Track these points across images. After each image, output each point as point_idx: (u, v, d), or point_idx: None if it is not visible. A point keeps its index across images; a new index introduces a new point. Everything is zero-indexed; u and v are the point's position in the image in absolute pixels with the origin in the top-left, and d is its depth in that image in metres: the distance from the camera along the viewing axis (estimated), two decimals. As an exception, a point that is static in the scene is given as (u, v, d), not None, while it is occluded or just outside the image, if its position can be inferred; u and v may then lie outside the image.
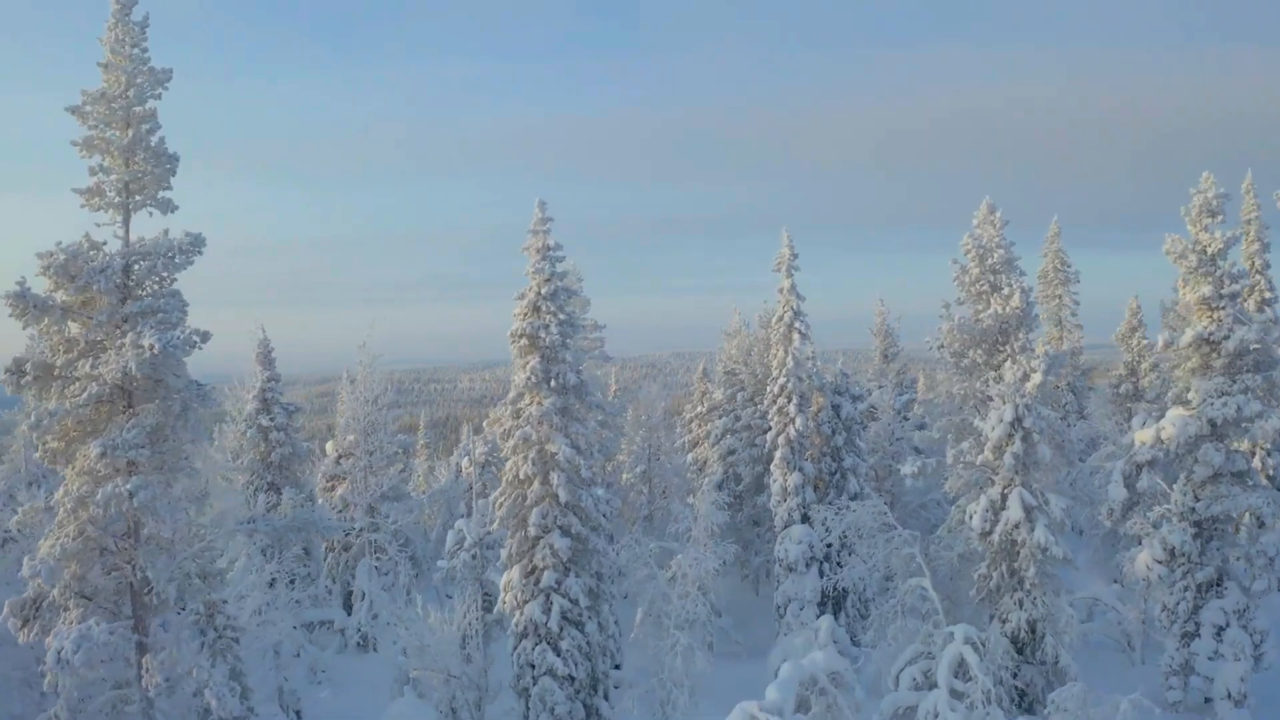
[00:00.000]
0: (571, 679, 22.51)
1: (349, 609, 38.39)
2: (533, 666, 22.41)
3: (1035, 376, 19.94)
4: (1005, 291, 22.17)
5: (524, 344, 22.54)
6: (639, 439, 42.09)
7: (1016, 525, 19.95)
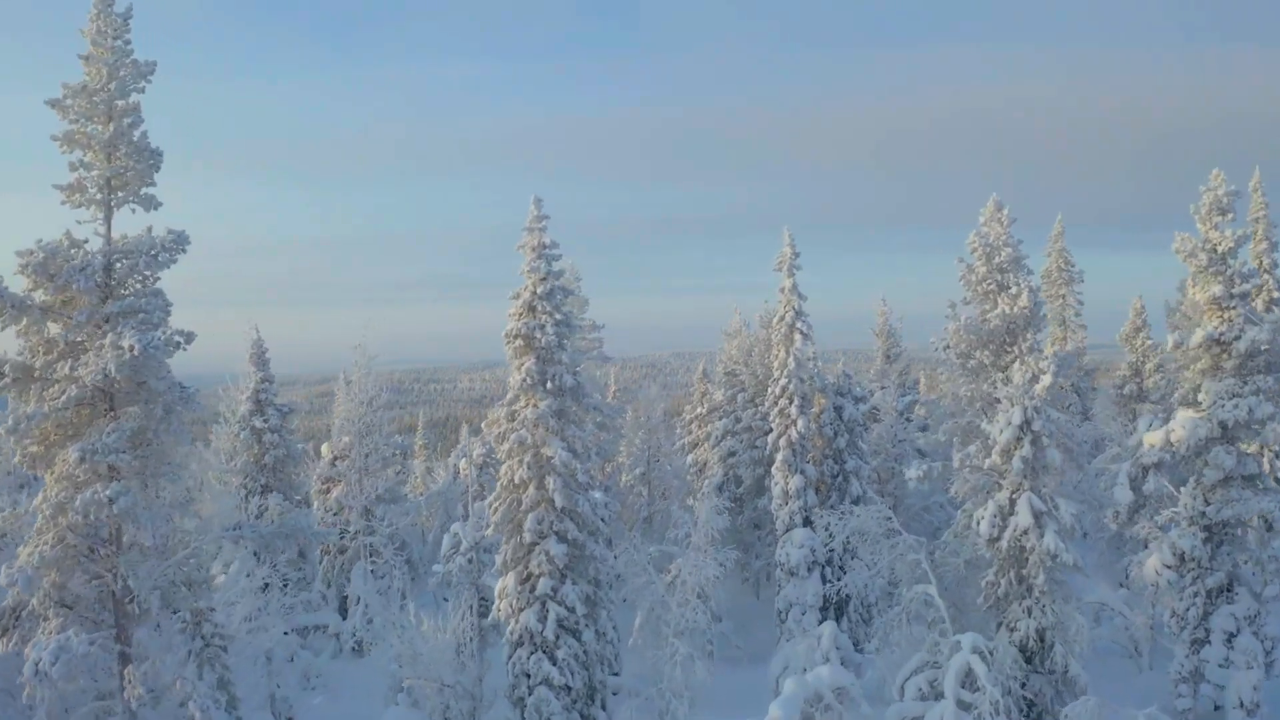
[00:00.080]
0: (568, 688, 21.97)
1: (345, 613, 37.88)
2: (528, 676, 21.86)
3: (1045, 378, 19.39)
4: (1013, 291, 21.63)
5: (519, 345, 21.97)
6: (638, 440, 41.59)
7: (1025, 531, 19.39)
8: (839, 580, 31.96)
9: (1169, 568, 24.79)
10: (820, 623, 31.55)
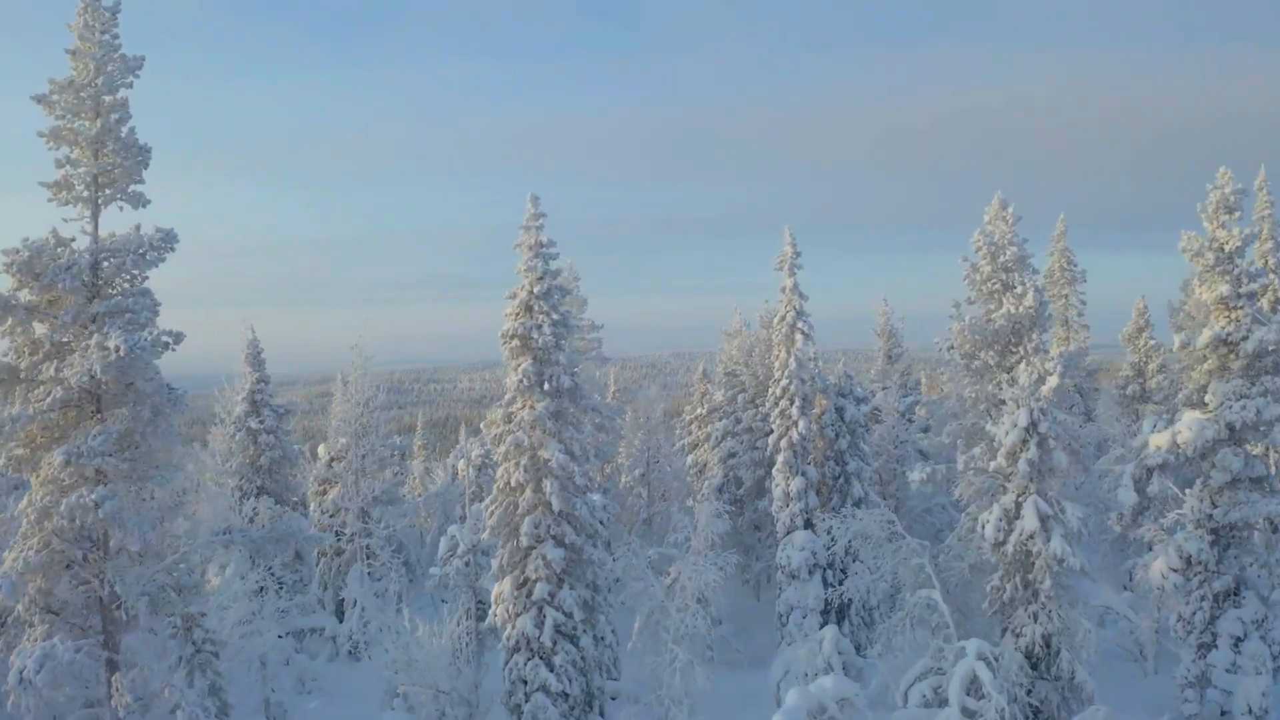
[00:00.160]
0: (565, 695, 21.57)
1: (342, 616, 37.50)
2: (525, 682, 21.46)
3: (1051, 379, 19.03)
4: (1018, 290, 21.24)
5: (515, 345, 21.57)
6: (638, 441, 41.22)
7: (1031, 535, 19.03)
8: (841, 584, 31.62)
9: (1175, 571, 24.51)
10: (821, 626, 31.17)
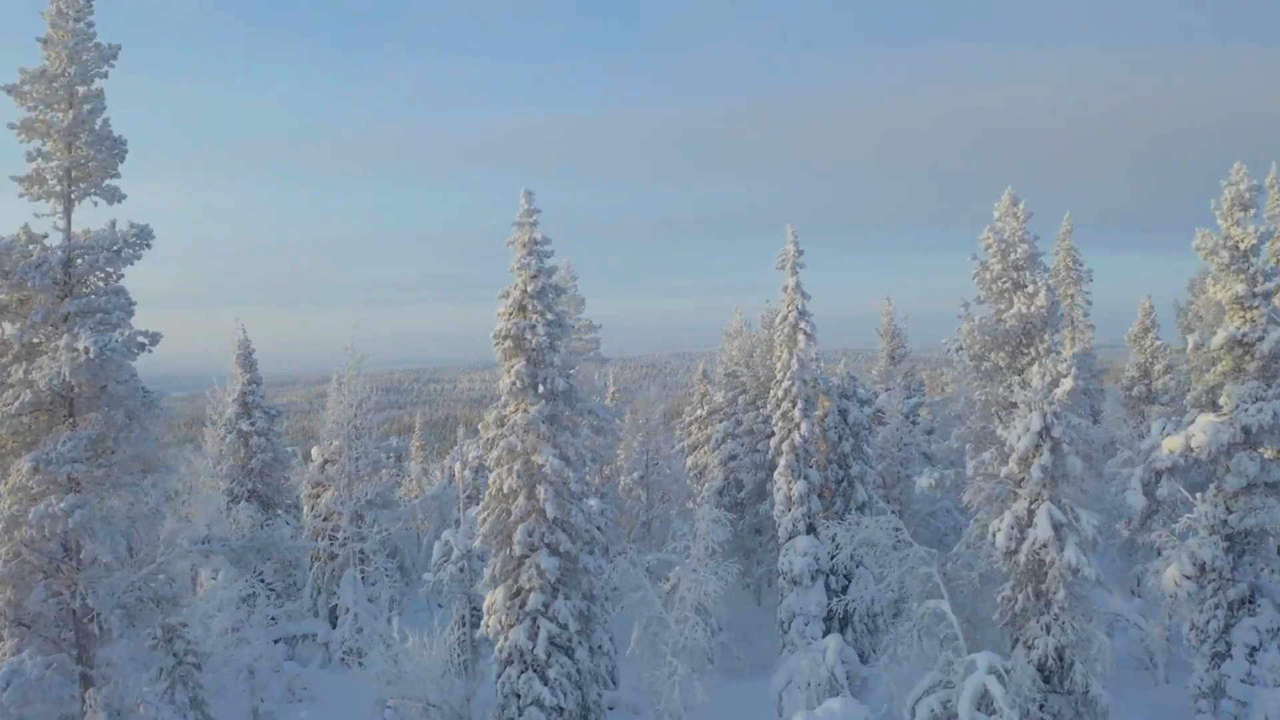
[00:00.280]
0: (560, 710, 20.77)
1: (335, 622, 36.77)
2: (518, 696, 20.66)
3: (1066, 382, 18.29)
4: (1030, 289, 20.48)
5: (508, 346, 20.78)
6: (637, 443, 40.47)
7: (1045, 544, 18.30)
8: (844, 590, 30.90)
9: (1188, 578, 23.92)
10: (824, 633, 30.50)
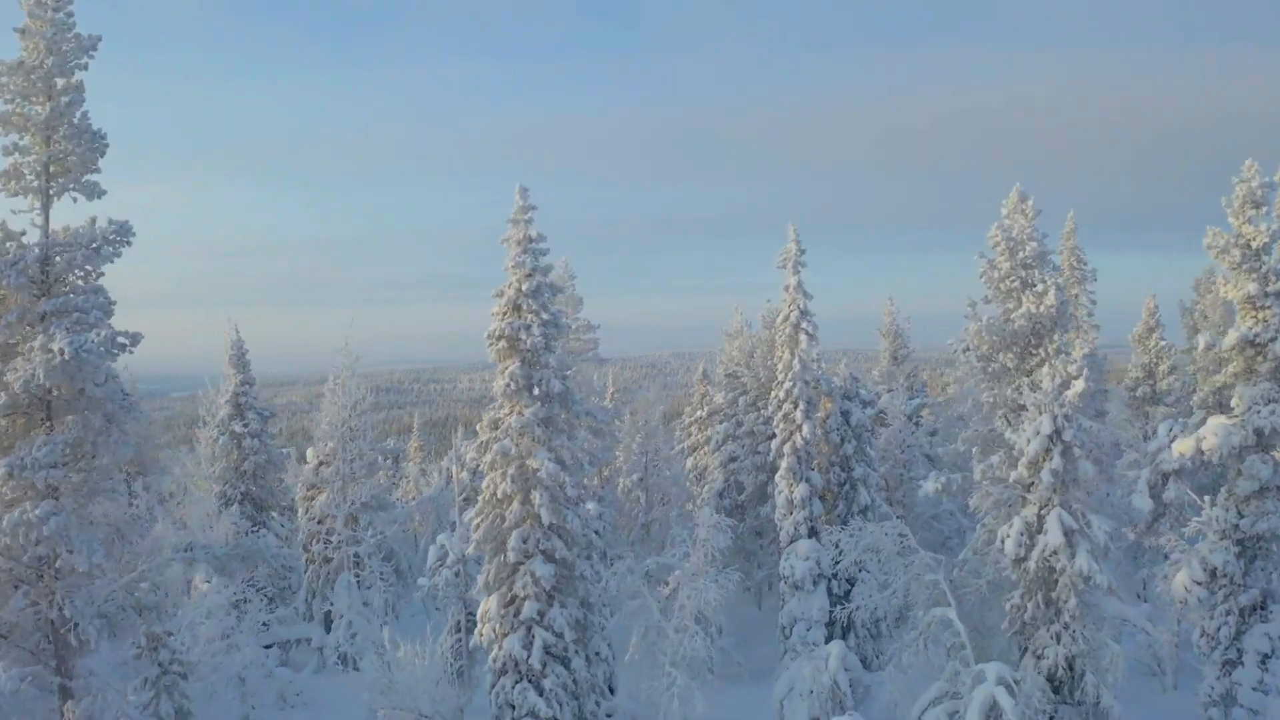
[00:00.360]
0: (556, 720, 20.24)
1: (330, 626, 36.20)
2: (513, 707, 20.08)
3: (1077, 384, 17.74)
4: (1039, 289, 19.91)
5: (503, 347, 20.18)
6: (636, 445, 39.86)
7: (1055, 551, 17.75)
8: (846, 595, 30.37)
9: (1199, 584, 23.50)
10: (826, 639, 29.95)
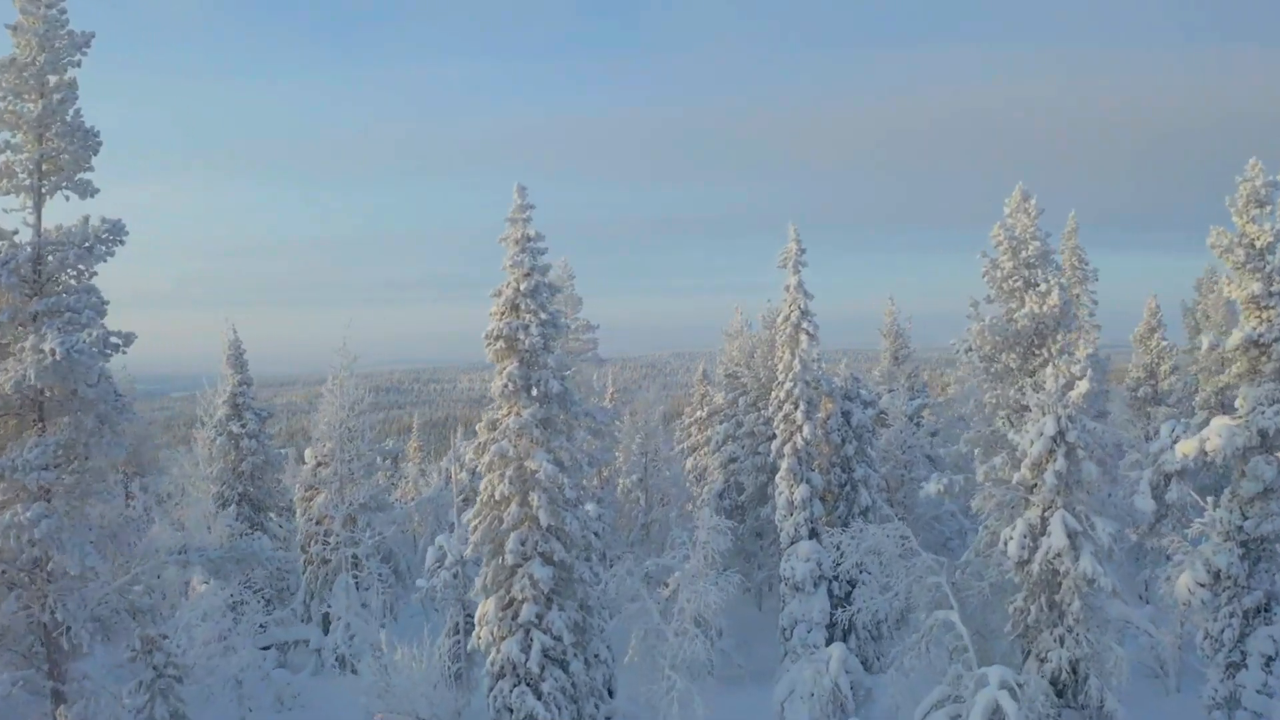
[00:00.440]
0: (555, 724, 20.01)
1: (328, 627, 36.00)
2: (511, 711, 19.87)
3: (1081, 384, 17.55)
4: (1042, 288, 19.73)
5: (500, 347, 19.97)
6: (635, 445, 39.68)
7: (1059, 554, 17.57)
8: (847, 596, 30.19)
9: (1202, 586, 23.22)
10: (827, 640, 29.78)
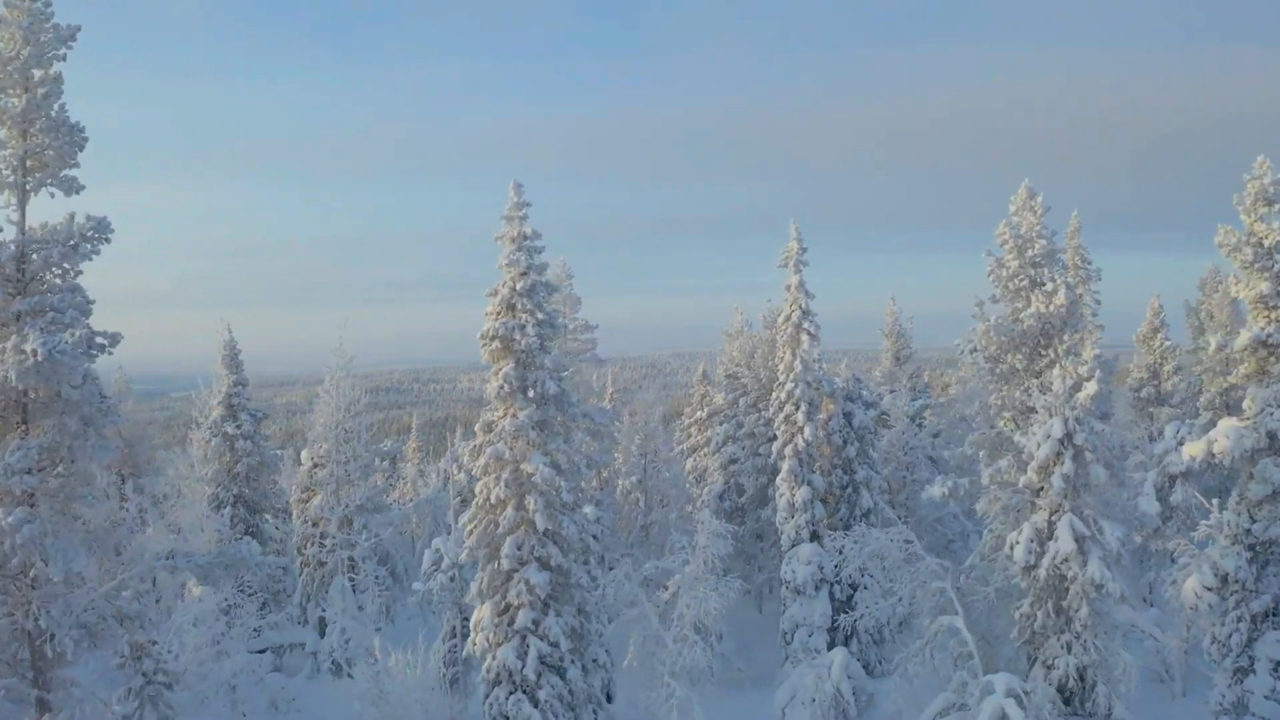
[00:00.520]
0: (552, 732, 19.65)
1: (324, 630, 35.65)
2: (507, 718, 19.52)
3: (1089, 386, 17.19)
4: (1048, 288, 19.35)
5: (496, 347, 19.59)
6: (635, 446, 39.32)
7: (1066, 558, 17.20)
8: (849, 599, 29.86)
9: (1209, 589, 22.90)
10: (829, 644, 29.45)
